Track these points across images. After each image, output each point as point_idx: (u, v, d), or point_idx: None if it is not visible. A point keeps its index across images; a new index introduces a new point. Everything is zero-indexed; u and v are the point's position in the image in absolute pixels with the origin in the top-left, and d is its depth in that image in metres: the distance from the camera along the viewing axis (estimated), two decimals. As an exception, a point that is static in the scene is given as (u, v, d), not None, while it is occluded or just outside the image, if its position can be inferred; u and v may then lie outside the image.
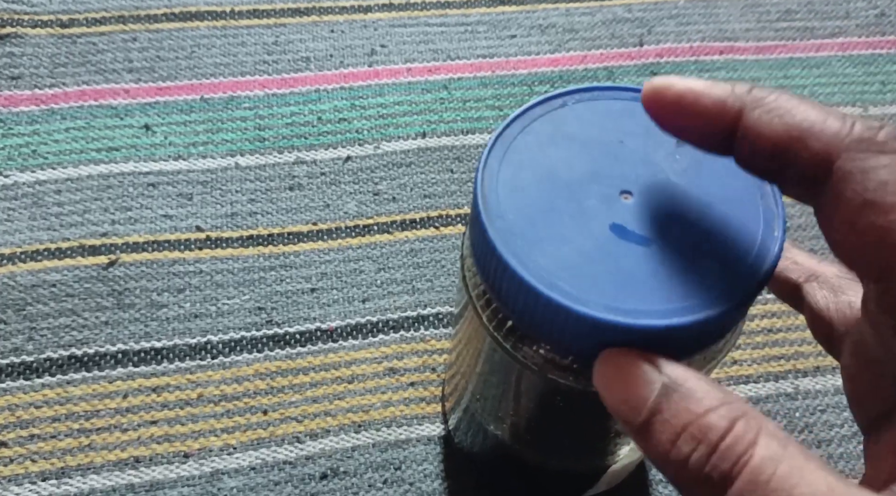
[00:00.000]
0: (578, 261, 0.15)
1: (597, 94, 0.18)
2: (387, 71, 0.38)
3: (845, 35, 0.41)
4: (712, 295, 0.15)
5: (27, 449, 0.27)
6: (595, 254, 0.15)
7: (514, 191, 0.16)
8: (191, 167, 0.34)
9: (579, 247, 0.15)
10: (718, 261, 0.15)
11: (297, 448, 0.28)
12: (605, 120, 0.18)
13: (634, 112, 0.18)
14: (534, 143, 0.17)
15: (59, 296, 0.30)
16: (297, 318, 0.31)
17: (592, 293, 0.15)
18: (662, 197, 0.16)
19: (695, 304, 0.15)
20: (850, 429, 0.29)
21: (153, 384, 0.29)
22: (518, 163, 0.17)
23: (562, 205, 0.16)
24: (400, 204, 0.34)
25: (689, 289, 0.15)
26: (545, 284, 0.15)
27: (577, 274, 0.15)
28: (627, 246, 0.15)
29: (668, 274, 0.15)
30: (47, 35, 0.38)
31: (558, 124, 0.17)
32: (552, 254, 0.15)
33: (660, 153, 0.17)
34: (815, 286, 0.18)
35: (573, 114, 0.18)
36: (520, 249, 0.15)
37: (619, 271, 0.15)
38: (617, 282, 0.15)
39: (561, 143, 0.17)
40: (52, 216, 0.32)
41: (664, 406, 0.14)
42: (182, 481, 0.27)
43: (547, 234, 0.16)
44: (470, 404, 0.24)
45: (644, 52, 0.40)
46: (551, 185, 0.16)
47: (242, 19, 0.39)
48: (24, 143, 0.34)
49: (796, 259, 0.19)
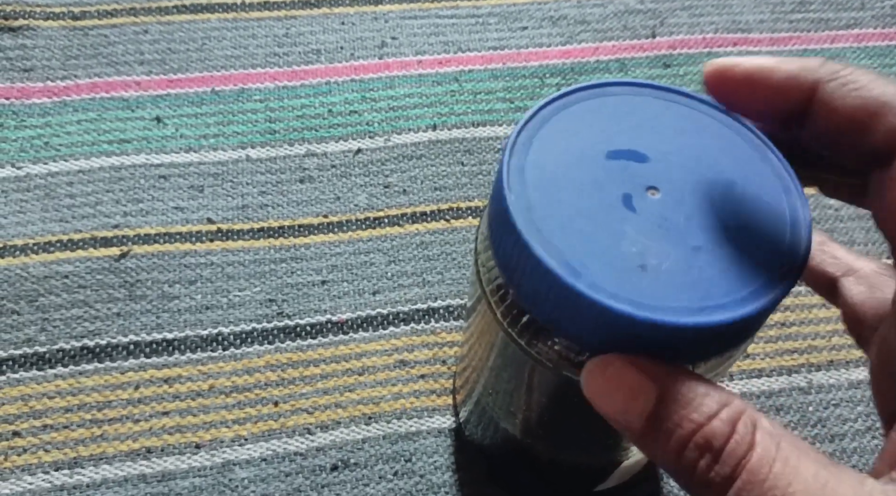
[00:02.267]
0: (610, 259, 0.15)
1: (604, 90, 0.18)
2: (397, 63, 0.38)
3: (860, 26, 0.41)
4: (750, 290, 0.15)
5: (40, 439, 0.28)
6: (627, 253, 0.15)
7: (539, 191, 0.16)
8: (202, 159, 0.34)
9: (610, 245, 0.15)
10: (751, 255, 0.15)
11: (307, 439, 0.28)
12: (616, 115, 0.17)
13: (645, 105, 0.18)
14: (550, 146, 0.17)
15: (71, 287, 0.30)
16: (307, 310, 0.31)
17: (632, 292, 0.14)
18: (688, 191, 0.16)
19: (734, 301, 0.14)
20: (863, 424, 0.29)
21: (165, 375, 0.29)
22: (538, 165, 0.16)
23: (587, 203, 0.16)
24: (410, 196, 0.34)
25: (727, 285, 0.15)
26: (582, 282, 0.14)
27: (610, 272, 0.15)
28: (665, 243, 0.15)
29: (701, 270, 0.15)
30: (59, 27, 0.38)
31: (571, 124, 0.17)
32: (581, 252, 0.15)
33: (672, 144, 0.17)
34: (853, 281, 0.18)
35: (584, 112, 0.17)
36: (551, 248, 0.15)
37: (652, 269, 0.15)
38: (653, 279, 0.15)
39: (577, 144, 0.17)
40: (65, 208, 0.32)
41: (663, 414, 0.14)
42: (193, 472, 0.27)
43: (582, 240, 0.15)
44: (481, 398, 0.24)
45: (657, 44, 0.39)
46: (574, 184, 0.16)
47: (253, 11, 0.39)
48: (37, 135, 0.34)
49: (835, 253, 0.19)
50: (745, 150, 0.17)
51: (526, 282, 0.16)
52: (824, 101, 0.14)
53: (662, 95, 0.18)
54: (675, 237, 0.15)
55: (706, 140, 0.17)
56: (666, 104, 0.18)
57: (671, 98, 0.18)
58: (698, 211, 0.16)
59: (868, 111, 0.14)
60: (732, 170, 0.17)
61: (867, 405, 0.30)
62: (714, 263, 0.15)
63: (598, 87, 0.18)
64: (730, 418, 0.13)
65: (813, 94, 0.15)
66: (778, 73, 0.15)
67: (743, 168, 0.17)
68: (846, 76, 0.14)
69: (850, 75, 0.14)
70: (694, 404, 0.14)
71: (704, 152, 0.17)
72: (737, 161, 0.17)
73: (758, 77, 0.15)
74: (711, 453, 0.13)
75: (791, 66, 0.15)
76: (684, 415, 0.14)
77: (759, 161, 0.17)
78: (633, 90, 0.18)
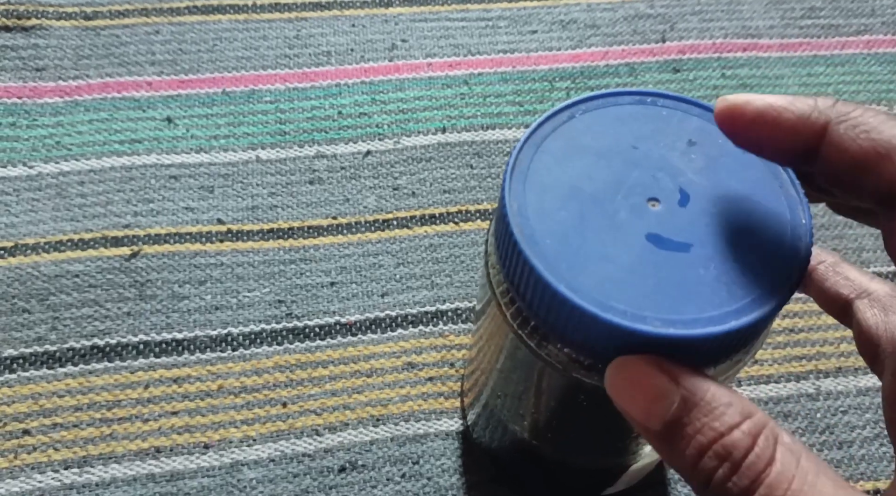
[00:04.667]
0: (619, 274, 0.15)
1: (601, 102, 0.18)
2: (407, 66, 0.38)
3: (871, 33, 0.41)
4: (755, 296, 0.15)
5: (50, 437, 0.28)
6: (635, 266, 0.15)
7: (542, 209, 0.16)
8: (212, 160, 0.34)
9: (618, 259, 0.15)
10: (755, 261, 0.15)
11: (315, 441, 0.28)
12: (614, 127, 0.18)
13: (640, 115, 0.18)
14: (551, 161, 0.17)
15: (81, 286, 0.31)
16: (316, 312, 0.31)
17: (649, 308, 0.15)
18: (688, 200, 0.16)
19: (740, 308, 0.15)
20: (871, 431, 0.29)
21: (174, 375, 0.29)
22: (540, 183, 0.17)
23: (592, 219, 0.16)
24: (419, 199, 0.34)
25: (734, 292, 0.15)
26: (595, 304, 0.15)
27: (621, 287, 0.15)
28: (666, 253, 0.15)
29: (711, 278, 0.15)
30: (71, 27, 0.38)
31: (570, 138, 0.17)
32: (592, 270, 0.15)
33: (674, 154, 0.17)
34: (866, 303, 0.18)
35: (582, 125, 0.18)
36: (562, 272, 0.15)
37: (662, 280, 0.15)
38: (662, 291, 0.15)
39: (577, 157, 0.17)
40: (76, 207, 0.33)
41: (685, 420, 0.14)
42: (202, 472, 0.27)
43: (583, 250, 0.15)
44: (490, 400, 0.24)
45: (666, 49, 0.40)
46: (577, 200, 0.16)
47: (264, 13, 0.39)
48: (48, 135, 0.34)
49: (848, 275, 0.19)
50: (751, 160, 0.17)
51: (530, 295, 0.16)
52: (834, 142, 0.14)
53: (669, 104, 0.18)
54: (684, 247, 0.15)
55: (711, 150, 0.17)
56: (671, 113, 0.18)
57: (678, 107, 0.18)
58: (700, 221, 0.16)
59: (877, 154, 0.14)
60: (724, 168, 0.17)
61: (875, 412, 0.30)
62: (724, 269, 0.15)
63: (605, 97, 0.18)
64: (751, 431, 0.13)
65: (823, 134, 0.15)
66: (788, 113, 0.15)
67: (733, 164, 0.17)
68: (856, 118, 0.14)
69: (860, 117, 0.14)
70: (716, 413, 0.14)
71: (694, 155, 0.17)
72: (726, 159, 0.17)
73: (769, 116, 0.15)
74: (731, 463, 0.13)
75: (802, 106, 0.15)
76: (706, 422, 0.14)
77: (764, 170, 0.17)
78: (639, 99, 0.18)
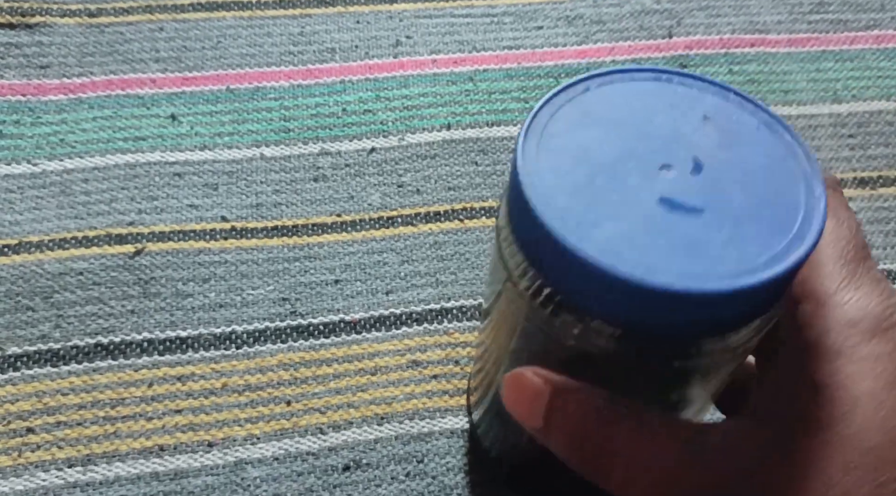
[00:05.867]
0: (632, 232, 0.15)
1: (617, 76, 0.18)
2: (412, 62, 0.38)
3: (880, 28, 0.41)
4: (769, 258, 0.15)
5: (54, 435, 0.28)
6: (648, 226, 0.15)
7: (555, 173, 0.16)
8: (216, 157, 0.34)
9: (629, 220, 0.15)
10: (769, 227, 0.15)
11: (319, 439, 0.28)
12: (629, 100, 0.18)
13: (656, 91, 0.18)
14: (564, 128, 0.17)
15: (85, 284, 0.31)
16: (320, 310, 0.31)
17: (653, 263, 0.15)
18: (702, 169, 0.16)
19: (753, 267, 0.15)
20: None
21: (178, 373, 0.29)
22: (553, 148, 0.17)
23: (604, 181, 0.16)
24: (424, 196, 0.34)
25: (747, 252, 0.15)
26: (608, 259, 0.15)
27: (634, 245, 0.15)
28: (678, 216, 0.16)
29: (724, 240, 0.15)
30: (76, 24, 0.38)
31: (585, 108, 0.18)
32: (604, 227, 0.15)
33: (688, 128, 0.17)
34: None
35: (598, 97, 0.18)
36: (573, 229, 0.15)
37: (674, 240, 0.15)
38: (674, 250, 0.15)
39: (591, 126, 0.17)
40: (80, 205, 0.32)
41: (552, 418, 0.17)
42: (206, 470, 0.27)
43: (595, 210, 0.16)
44: (497, 397, 0.24)
45: (673, 44, 0.39)
46: (589, 164, 0.16)
47: (268, 10, 0.39)
48: (53, 132, 0.34)
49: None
50: (766, 136, 0.17)
51: (542, 254, 0.16)
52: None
53: (684, 82, 0.18)
54: (697, 210, 0.16)
55: (726, 125, 0.17)
56: (686, 90, 0.18)
57: (693, 85, 0.18)
58: (713, 188, 0.16)
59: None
60: (739, 142, 0.17)
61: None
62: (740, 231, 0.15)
63: (621, 72, 0.18)
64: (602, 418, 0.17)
65: None
66: None
67: (762, 152, 0.17)
68: None
69: None
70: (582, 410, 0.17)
71: (708, 129, 0.17)
72: (741, 134, 0.17)
73: None
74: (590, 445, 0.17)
75: None
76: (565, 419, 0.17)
77: (779, 145, 0.17)
78: (654, 76, 0.18)
